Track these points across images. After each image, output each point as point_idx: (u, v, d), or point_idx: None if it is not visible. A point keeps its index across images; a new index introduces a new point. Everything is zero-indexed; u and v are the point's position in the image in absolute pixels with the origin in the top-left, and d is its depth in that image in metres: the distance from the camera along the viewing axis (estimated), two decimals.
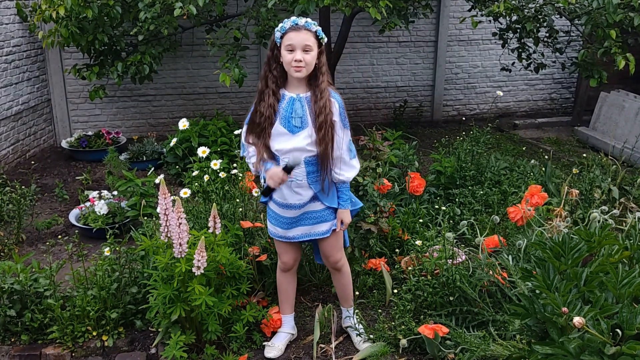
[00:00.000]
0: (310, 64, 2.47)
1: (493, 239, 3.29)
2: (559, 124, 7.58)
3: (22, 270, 2.99)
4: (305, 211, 2.64)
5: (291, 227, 2.68)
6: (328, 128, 2.51)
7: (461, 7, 7.22)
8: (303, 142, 2.53)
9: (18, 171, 5.52)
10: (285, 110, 2.53)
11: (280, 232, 2.71)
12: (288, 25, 2.46)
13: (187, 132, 5.22)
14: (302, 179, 2.58)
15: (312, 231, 2.69)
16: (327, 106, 2.51)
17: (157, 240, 2.74)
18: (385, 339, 2.88)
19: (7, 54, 5.47)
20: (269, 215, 2.75)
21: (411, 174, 4.07)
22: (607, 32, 4.49)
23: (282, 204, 2.64)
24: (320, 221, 2.67)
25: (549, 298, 1.99)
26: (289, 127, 2.53)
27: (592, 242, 2.27)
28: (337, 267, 2.85)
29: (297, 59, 2.43)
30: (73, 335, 2.89)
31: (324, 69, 2.54)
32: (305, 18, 2.50)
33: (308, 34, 2.45)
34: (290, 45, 2.44)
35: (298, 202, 2.62)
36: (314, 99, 2.52)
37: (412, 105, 7.60)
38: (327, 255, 2.80)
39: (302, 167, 2.56)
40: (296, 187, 2.59)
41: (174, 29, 4.71)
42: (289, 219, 2.66)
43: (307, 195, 2.61)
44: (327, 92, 2.53)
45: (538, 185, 3.39)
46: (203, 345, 2.81)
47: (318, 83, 2.53)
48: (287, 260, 2.82)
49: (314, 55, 2.47)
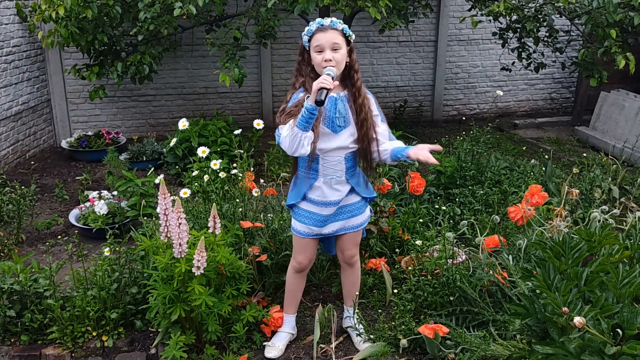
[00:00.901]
0: (340, 62, 2.47)
1: (493, 239, 3.29)
2: (559, 124, 7.58)
3: (21, 270, 2.99)
4: (341, 206, 2.65)
5: (327, 223, 2.67)
6: (370, 125, 2.57)
7: (461, 6, 7.21)
8: (346, 140, 2.56)
9: (18, 171, 5.52)
10: (329, 111, 2.53)
11: (316, 231, 2.68)
12: (314, 27, 2.48)
13: (187, 132, 5.21)
14: (341, 175, 2.60)
15: (346, 225, 2.70)
16: (366, 104, 2.56)
17: (157, 240, 2.74)
18: (386, 339, 2.87)
19: (6, 54, 5.46)
20: (299, 216, 2.68)
21: (411, 174, 4.06)
22: (607, 31, 4.49)
23: (321, 202, 2.62)
24: (355, 214, 2.70)
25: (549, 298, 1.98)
26: (332, 127, 2.53)
27: (592, 242, 2.27)
28: (351, 263, 2.86)
29: (327, 59, 2.43)
30: (73, 335, 2.89)
31: (356, 67, 2.56)
32: (330, 18, 2.51)
33: (335, 32, 2.46)
34: (319, 46, 2.45)
35: (337, 199, 2.62)
36: (353, 97, 2.55)
37: (412, 105, 7.59)
38: (345, 249, 2.81)
39: (342, 164, 2.59)
40: (336, 183, 2.60)
41: (173, 29, 4.71)
42: (325, 216, 2.65)
43: (345, 190, 2.63)
44: (363, 90, 2.57)
45: (538, 185, 3.39)
46: (203, 346, 2.80)
47: (354, 81, 2.55)
48: (303, 260, 2.79)
49: (343, 53, 2.47)
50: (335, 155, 2.57)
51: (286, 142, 2.41)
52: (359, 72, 2.57)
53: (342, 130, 2.54)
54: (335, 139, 2.54)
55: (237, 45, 4.74)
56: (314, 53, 2.48)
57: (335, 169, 2.58)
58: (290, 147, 2.41)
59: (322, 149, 2.55)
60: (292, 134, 2.38)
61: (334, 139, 2.54)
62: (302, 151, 2.42)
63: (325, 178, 2.59)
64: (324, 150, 2.56)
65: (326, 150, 2.56)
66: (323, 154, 2.56)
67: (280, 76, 6.93)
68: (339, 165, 2.58)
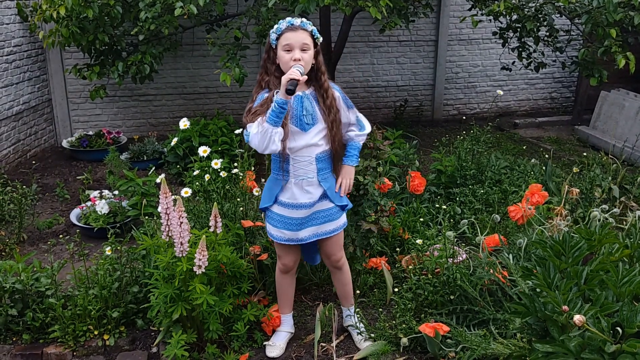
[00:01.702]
0: (308, 63, 2.47)
1: (493, 238, 3.29)
2: (560, 123, 7.58)
3: (23, 269, 2.99)
4: (314, 210, 2.64)
5: (300, 228, 2.65)
6: (338, 124, 2.60)
7: (461, 6, 7.21)
8: (315, 138, 2.56)
9: (19, 171, 5.53)
10: (296, 109, 2.53)
11: (289, 235, 2.66)
12: (284, 26, 2.48)
13: (188, 132, 5.22)
14: (313, 176, 2.59)
15: (320, 230, 2.68)
16: (334, 105, 2.58)
17: (158, 239, 2.75)
18: (386, 337, 2.88)
19: (7, 54, 5.47)
20: (272, 220, 2.68)
21: (412, 173, 4.07)
22: (607, 31, 4.49)
23: (292, 205, 2.62)
24: (328, 220, 2.67)
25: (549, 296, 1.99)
26: (300, 125, 2.54)
27: (592, 241, 2.27)
28: (338, 266, 2.85)
29: (296, 58, 2.43)
30: (74, 334, 2.89)
31: (323, 68, 2.58)
32: (300, 18, 2.51)
33: (304, 33, 2.47)
34: (288, 45, 2.45)
35: (308, 201, 2.61)
36: (321, 99, 2.56)
37: (413, 104, 7.60)
38: (329, 254, 2.80)
39: (313, 165, 2.58)
40: (307, 185, 2.60)
41: (174, 28, 4.71)
42: (298, 219, 2.63)
43: (317, 194, 2.62)
44: (330, 90, 2.59)
45: (538, 184, 3.40)
46: (204, 344, 2.81)
47: (321, 83, 2.57)
48: (287, 262, 2.81)
49: (311, 54, 2.49)
50: (306, 155, 2.57)
51: (256, 139, 2.39)
52: (325, 74, 2.59)
53: (310, 127, 2.55)
54: (304, 136, 2.55)
55: (238, 44, 4.74)
56: (281, 52, 2.48)
57: (306, 170, 2.58)
58: (261, 143, 2.39)
59: (292, 148, 2.55)
60: (262, 129, 2.37)
61: (303, 136, 2.55)
62: (273, 147, 2.40)
63: (296, 179, 2.59)
64: (294, 150, 2.56)
65: (296, 149, 2.56)
66: (293, 154, 2.56)
67: None
68: (309, 165, 2.58)
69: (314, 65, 2.54)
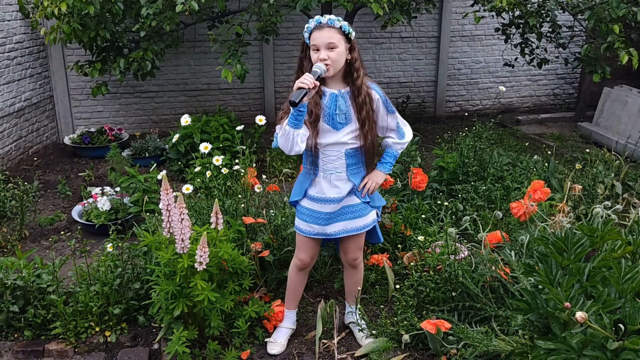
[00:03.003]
0: (336, 61, 2.45)
1: (496, 235, 3.28)
2: (562, 120, 7.56)
3: (25, 266, 3.00)
4: (343, 205, 2.63)
5: (329, 222, 2.65)
6: (371, 123, 2.56)
7: (464, 2, 7.19)
8: (345, 137, 2.55)
9: (21, 168, 5.53)
10: (329, 107, 2.52)
11: (317, 229, 2.66)
12: (312, 25, 2.47)
13: (190, 129, 5.22)
14: (341, 171, 2.59)
15: (350, 226, 2.67)
16: (367, 102, 2.54)
17: (159, 236, 2.74)
18: (388, 334, 2.88)
19: (9, 51, 5.47)
20: (301, 214, 2.68)
21: (414, 170, 4.06)
22: (610, 27, 4.47)
23: (320, 199, 2.62)
24: (358, 216, 2.67)
25: (551, 293, 1.98)
26: (332, 124, 2.53)
27: (595, 238, 2.26)
28: (355, 264, 2.86)
29: (321, 58, 2.42)
30: (76, 330, 2.90)
31: (357, 64, 2.53)
32: (328, 16, 2.49)
33: (331, 30, 2.44)
34: (315, 45, 2.45)
35: (337, 196, 2.60)
36: (353, 95, 2.54)
37: (415, 101, 7.58)
38: (348, 251, 2.80)
39: (342, 160, 2.58)
40: (335, 179, 2.59)
41: (175, 25, 4.70)
42: (327, 214, 2.63)
43: (345, 189, 2.61)
44: (364, 87, 2.54)
45: (541, 181, 3.39)
46: (205, 341, 2.81)
47: (354, 79, 2.54)
48: (305, 257, 2.79)
49: (339, 51, 2.45)
50: (335, 150, 2.57)
51: (281, 141, 2.44)
52: (360, 69, 2.54)
53: (343, 127, 2.54)
54: (336, 135, 2.54)
55: (239, 41, 4.73)
56: (311, 51, 2.48)
57: (335, 164, 2.58)
58: (285, 146, 2.43)
59: (321, 144, 2.55)
60: (285, 132, 2.40)
61: (334, 135, 2.54)
62: (296, 149, 2.43)
63: (325, 173, 2.59)
64: (323, 145, 2.55)
65: (325, 145, 2.56)
66: (322, 148, 2.56)
67: (283, 72, 6.92)
68: (338, 160, 2.58)
69: (348, 60, 2.51)
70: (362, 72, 2.55)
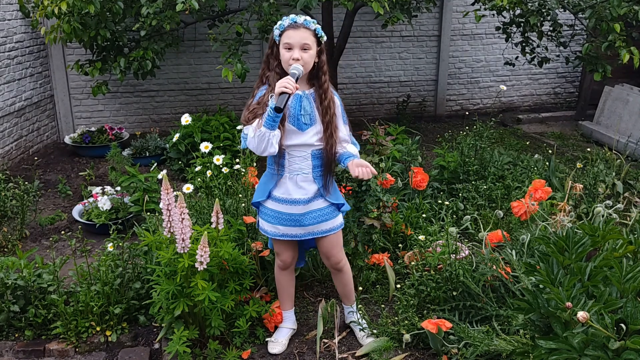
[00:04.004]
0: (308, 63, 2.46)
1: (496, 234, 3.28)
2: (563, 119, 7.55)
3: (25, 265, 3.00)
4: (309, 209, 2.62)
5: (295, 224, 2.64)
6: (334, 127, 2.57)
7: (464, 1, 7.18)
8: (312, 138, 2.55)
9: (21, 167, 5.53)
10: (294, 108, 2.52)
11: (283, 230, 2.66)
12: (287, 23, 2.46)
13: (190, 128, 5.21)
14: (308, 172, 2.58)
15: (315, 229, 2.67)
16: (331, 106, 2.55)
17: (160, 235, 2.74)
18: (389, 333, 2.87)
19: (9, 50, 5.47)
20: (265, 215, 2.68)
21: (414, 169, 4.06)
22: (611, 25, 4.46)
23: (286, 200, 2.62)
24: (324, 219, 2.65)
25: (552, 293, 1.98)
26: (297, 124, 2.52)
27: (596, 237, 2.26)
28: (338, 268, 2.83)
29: (294, 58, 2.42)
30: (77, 330, 2.90)
31: (325, 68, 2.55)
32: (304, 16, 2.48)
33: (307, 32, 2.44)
34: (288, 44, 2.44)
35: (303, 197, 2.60)
36: (319, 99, 2.54)
37: (415, 100, 7.58)
38: (328, 255, 2.77)
39: (308, 161, 2.57)
40: (301, 180, 2.59)
41: (176, 24, 4.70)
42: (292, 215, 2.62)
43: (311, 190, 2.61)
44: (330, 92, 2.56)
45: (542, 180, 3.38)
46: (206, 341, 2.81)
47: (321, 83, 2.54)
48: (285, 258, 2.80)
49: (312, 54, 2.46)
50: (302, 151, 2.56)
51: (254, 142, 2.41)
52: (327, 73, 2.55)
53: (308, 128, 2.53)
54: (301, 136, 2.54)
55: (240, 40, 4.73)
56: (282, 49, 2.46)
57: (301, 165, 2.57)
58: (259, 147, 2.41)
59: (288, 145, 2.54)
60: (260, 134, 2.38)
61: (300, 136, 2.53)
62: (271, 150, 2.42)
63: (291, 174, 2.58)
64: (289, 146, 2.55)
65: (292, 146, 2.55)
66: (289, 149, 2.56)
67: None
68: (305, 161, 2.57)
69: (317, 63, 2.53)
70: (328, 76, 2.56)
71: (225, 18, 5.45)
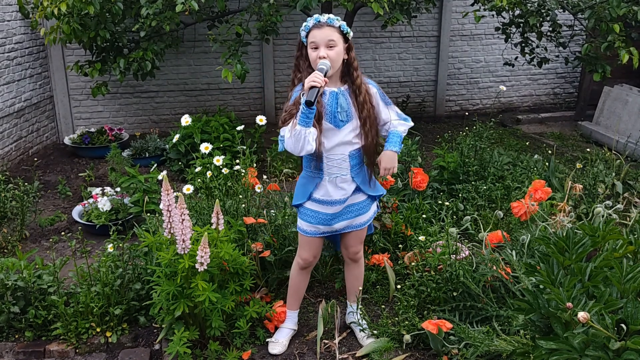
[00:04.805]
0: (335, 60, 2.46)
1: (496, 234, 3.28)
2: (562, 119, 7.56)
3: (25, 266, 2.99)
4: (347, 204, 2.64)
5: (333, 222, 2.66)
6: (372, 121, 2.58)
7: (464, 1, 7.19)
8: (349, 135, 2.55)
9: (21, 168, 5.53)
10: (330, 106, 2.52)
11: (323, 229, 2.68)
12: (311, 24, 2.48)
13: (190, 129, 5.21)
14: (346, 173, 2.60)
15: (353, 223, 2.70)
16: (367, 100, 2.56)
17: (160, 236, 2.74)
18: (389, 334, 2.88)
19: (9, 51, 5.46)
20: (305, 215, 2.68)
21: (414, 170, 4.06)
22: (610, 26, 4.47)
23: (326, 201, 2.62)
24: (361, 213, 2.69)
25: (553, 293, 1.98)
26: (334, 122, 2.52)
27: (596, 237, 2.26)
28: (356, 259, 2.87)
29: (321, 56, 2.42)
30: (77, 331, 2.90)
31: (355, 64, 2.56)
32: (328, 14, 2.49)
33: (331, 29, 2.45)
34: (314, 43, 2.45)
35: (342, 197, 2.61)
36: (354, 94, 2.55)
37: (415, 100, 7.58)
38: (349, 245, 2.81)
39: (346, 162, 2.58)
40: (341, 182, 2.60)
41: (175, 25, 4.70)
42: (331, 214, 2.64)
43: (350, 189, 2.62)
44: (364, 86, 2.56)
45: (542, 180, 3.38)
46: (207, 341, 2.81)
47: (354, 79, 2.55)
48: (308, 257, 2.79)
49: (338, 50, 2.46)
50: (339, 153, 2.56)
51: (291, 142, 2.40)
52: (358, 69, 2.56)
53: (344, 124, 2.54)
54: (338, 134, 2.54)
55: (239, 41, 4.73)
56: (310, 49, 2.48)
57: (340, 167, 2.58)
58: (296, 146, 2.40)
59: (325, 146, 2.55)
60: (295, 132, 2.37)
61: (337, 134, 2.54)
62: (308, 148, 2.40)
63: (330, 177, 2.59)
64: (327, 148, 2.55)
65: (329, 148, 2.55)
66: (327, 152, 2.56)
67: (283, 72, 6.92)
68: (343, 163, 2.58)
69: (346, 60, 2.53)
70: (360, 71, 2.57)
71: (224, 19, 5.46)
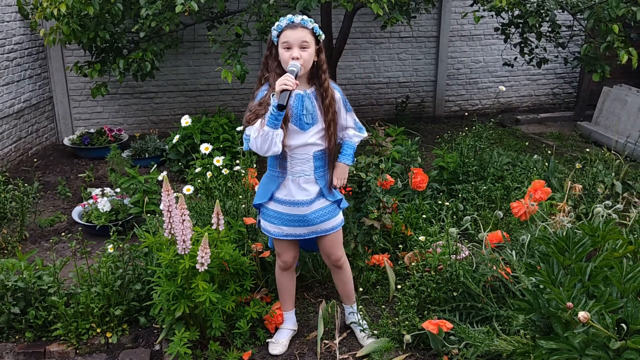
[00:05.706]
0: (307, 61, 2.46)
1: (496, 234, 3.28)
2: (562, 119, 7.56)
3: (25, 267, 2.99)
4: (312, 209, 2.63)
5: (298, 224, 2.65)
6: (336, 124, 2.60)
7: (463, 1, 7.20)
8: (313, 137, 2.56)
9: (20, 169, 5.52)
10: (296, 108, 2.52)
11: (287, 230, 2.67)
12: (284, 24, 2.47)
13: (189, 129, 5.21)
14: (310, 174, 2.59)
15: (318, 229, 2.68)
16: (332, 105, 2.57)
17: (160, 237, 2.74)
18: (389, 334, 2.88)
19: (8, 52, 5.46)
20: (267, 216, 2.68)
21: (414, 170, 4.06)
22: (609, 26, 4.47)
23: (289, 202, 2.61)
24: (327, 218, 2.66)
25: (553, 293, 1.98)
26: (300, 124, 2.53)
27: (596, 237, 2.26)
28: (339, 265, 2.84)
29: (294, 56, 2.42)
30: (77, 332, 2.89)
31: (324, 67, 2.56)
32: (301, 16, 2.49)
33: (304, 31, 2.45)
34: (287, 43, 2.44)
35: (306, 199, 2.60)
36: (320, 97, 2.56)
37: (414, 100, 7.58)
38: (329, 253, 2.78)
39: (310, 162, 2.58)
40: (304, 182, 2.59)
41: (175, 25, 4.70)
42: (296, 216, 2.63)
43: (314, 191, 2.61)
44: (330, 90, 2.58)
45: (541, 180, 3.39)
46: (207, 342, 2.81)
47: (321, 82, 2.56)
48: (287, 258, 2.80)
49: (311, 52, 2.47)
50: (304, 153, 2.57)
51: (257, 142, 2.41)
52: (326, 72, 2.57)
53: (309, 127, 2.54)
54: (303, 136, 2.54)
55: (239, 41, 4.73)
56: (281, 49, 2.47)
57: (304, 167, 2.58)
58: (262, 147, 2.41)
59: (290, 146, 2.55)
60: (263, 133, 2.38)
61: (302, 136, 2.54)
62: (275, 149, 2.41)
63: (293, 176, 2.59)
64: (292, 147, 2.55)
65: (294, 147, 2.55)
66: (291, 151, 2.56)
67: None
68: (307, 163, 2.58)
69: (316, 62, 2.53)
70: (328, 75, 2.57)
71: (224, 19, 5.45)
